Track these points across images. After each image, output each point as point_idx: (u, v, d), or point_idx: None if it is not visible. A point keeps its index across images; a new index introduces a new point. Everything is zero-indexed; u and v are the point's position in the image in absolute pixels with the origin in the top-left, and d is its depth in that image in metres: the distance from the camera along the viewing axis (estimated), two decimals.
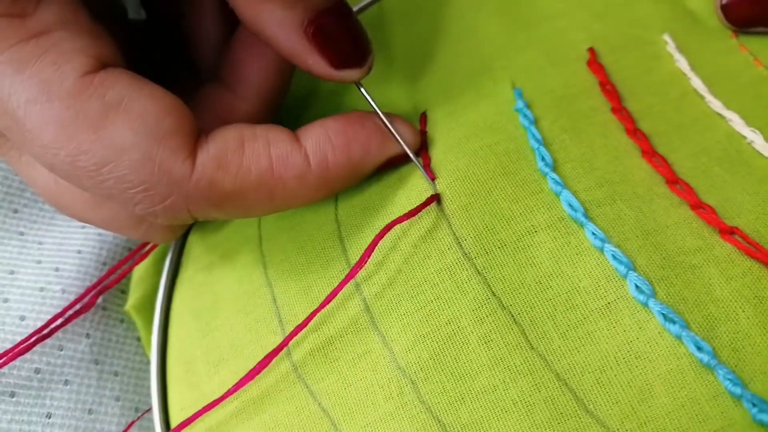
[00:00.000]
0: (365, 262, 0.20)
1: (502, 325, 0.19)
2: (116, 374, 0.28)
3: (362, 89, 0.21)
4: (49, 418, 0.25)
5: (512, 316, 0.19)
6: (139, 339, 0.29)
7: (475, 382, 0.18)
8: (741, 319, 0.17)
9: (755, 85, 0.22)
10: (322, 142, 0.20)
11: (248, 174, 0.19)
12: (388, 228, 0.20)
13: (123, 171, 0.18)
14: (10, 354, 0.25)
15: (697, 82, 0.22)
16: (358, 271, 0.20)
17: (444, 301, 0.19)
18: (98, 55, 0.19)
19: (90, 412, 0.26)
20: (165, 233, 0.24)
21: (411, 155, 0.21)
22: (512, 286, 0.19)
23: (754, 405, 0.16)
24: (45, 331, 0.26)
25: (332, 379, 0.20)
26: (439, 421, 0.18)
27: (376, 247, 0.20)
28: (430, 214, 0.21)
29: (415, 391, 0.19)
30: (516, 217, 0.20)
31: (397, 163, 0.22)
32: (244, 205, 0.20)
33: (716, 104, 0.22)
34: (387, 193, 0.22)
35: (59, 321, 0.26)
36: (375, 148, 0.21)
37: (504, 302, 0.19)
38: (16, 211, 0.29)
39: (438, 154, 0.22)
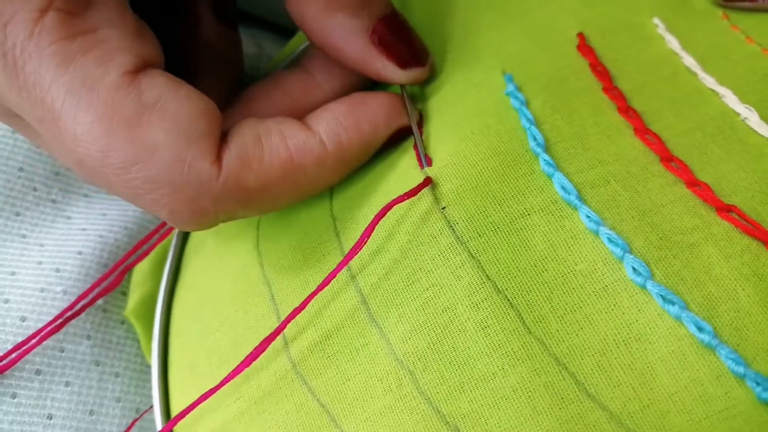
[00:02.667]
0: (364, 244, 0.20)
1: (499, 309, 0.18)
2: (117, 375, 0.28)
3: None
4: (50, 419, 0.25)
5: (508, 300, 0.18)
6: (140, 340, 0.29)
7: (474, 369, 0.18)
8: (741, 298, 0.17)
9: (748, 59, 0.22)
10: (333, 124, 0.21)
11: (270, 167, 0.20)
12: (386, 209, 0.20)
13: (152, 171, 0.18)
14: (13, 356, 0.25)
15: (689, 60, 0.22)
16: (357, 253, 0.20)
17: (439, 288, 0.19)
18: (142, 54, 0.19)
19: (91, 413, 0.26)
20: None
21: (415, 129, 0.22)
22: (507, 270, 0.19)
23: (757, 384, 0.16)
24: (44, 332, 0.26)
25: (330, 374, 0.20)
26: (439, 412, 0.18)
27: (371, 237, 0.20)
28: (422, 199, 0.20)
29: (413, 382, 0.19)
30: (508, 200, 0.19)
31: (400, 137, 0.23)
32: (271, 198, 0.20)
33: (709, 80, 0.21)
34: (380, 185, 0.22)
35: (59, 321, 0.26)
36: (383, 123, 0.22)
37: (499, 286, 0.19)
38: (18, 214, 0.29)
39: (431, 143, 0.22)
